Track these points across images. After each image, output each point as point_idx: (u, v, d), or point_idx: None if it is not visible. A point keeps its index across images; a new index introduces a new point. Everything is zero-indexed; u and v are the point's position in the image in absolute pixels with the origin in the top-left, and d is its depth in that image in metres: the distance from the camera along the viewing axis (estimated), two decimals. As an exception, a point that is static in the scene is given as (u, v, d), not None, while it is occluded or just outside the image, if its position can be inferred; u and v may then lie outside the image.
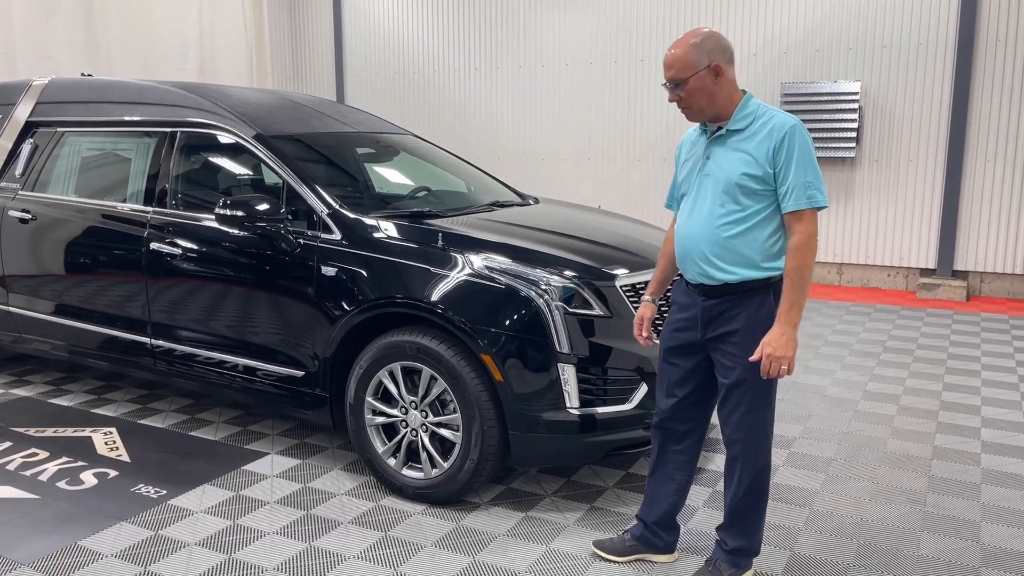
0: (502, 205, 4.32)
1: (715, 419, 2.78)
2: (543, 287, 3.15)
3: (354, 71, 10.92)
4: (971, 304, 7.42)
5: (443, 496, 3.34)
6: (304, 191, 3.69)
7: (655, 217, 8.84)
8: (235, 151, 4.21)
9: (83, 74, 5.27)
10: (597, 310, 3.20)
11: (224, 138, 4.06)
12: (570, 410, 3.11)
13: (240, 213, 3.58)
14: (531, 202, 4.59)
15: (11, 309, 4.67)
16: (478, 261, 3.27)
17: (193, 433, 4.21)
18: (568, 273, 3.23)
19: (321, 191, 3.69)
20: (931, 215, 7.92)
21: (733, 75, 2.58)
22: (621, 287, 3.30)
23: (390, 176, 4.92)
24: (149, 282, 4.05)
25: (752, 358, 2.48)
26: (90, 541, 3.08)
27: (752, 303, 2.53)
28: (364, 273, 3.43)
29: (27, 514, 3.31)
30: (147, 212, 4.09)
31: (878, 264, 8.22)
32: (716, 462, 3.81)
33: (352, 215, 3.59)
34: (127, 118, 4.39)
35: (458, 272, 3.26)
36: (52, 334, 4.56)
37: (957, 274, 7.86)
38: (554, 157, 9.56)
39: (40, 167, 4.65)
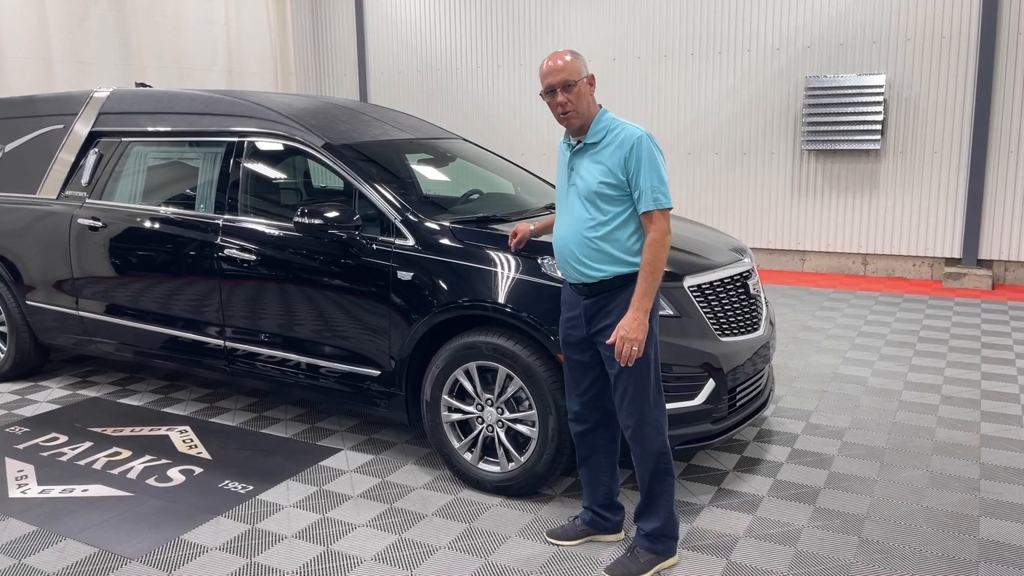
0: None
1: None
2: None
3: (377, 70, 11.05)
4: (997, 292, 7.56)
5: (519, 489, 3.51)
6: (376, 198, 3.85)
7: (678, 210, 8.99)
8: (304, 160, 4.36)
9: (138, 84, 5.44)
10: (666, 310, 3.36)
11: (292, 147, 4.22)
12: (643, 406, 3.27)
13: (318, 221, 3.74)
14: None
15: (82, 313, 4.84)
16: (550, 263, 3.42)
17: (265, 431, 4.38)
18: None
19: (392, 198, 3.85)
20: (956, 205, 8.05)
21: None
22: (688, 288, 3.45)
23: (441, 179, 5.07)
24: (223, 286, 4.21)
25: (608, 341, 2.78)
26: (192, 535, 3.26)
27: (624, 296, 2.81)
28: (441, 276, 3.58)
29: (124, 511, 3.49)
30: (219, 219, 4.25)
31: (903, 254, 8.36)
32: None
33: (424, 220, 3.74)
34: (195, 128, 4.55)
35: (533, 274, 3.40)
36: (121, 337, 4.73)
37: (982, 263, 8.01)
38: (579, 152, 9.68)
39: (106, 176, 4.81)
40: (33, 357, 5.24)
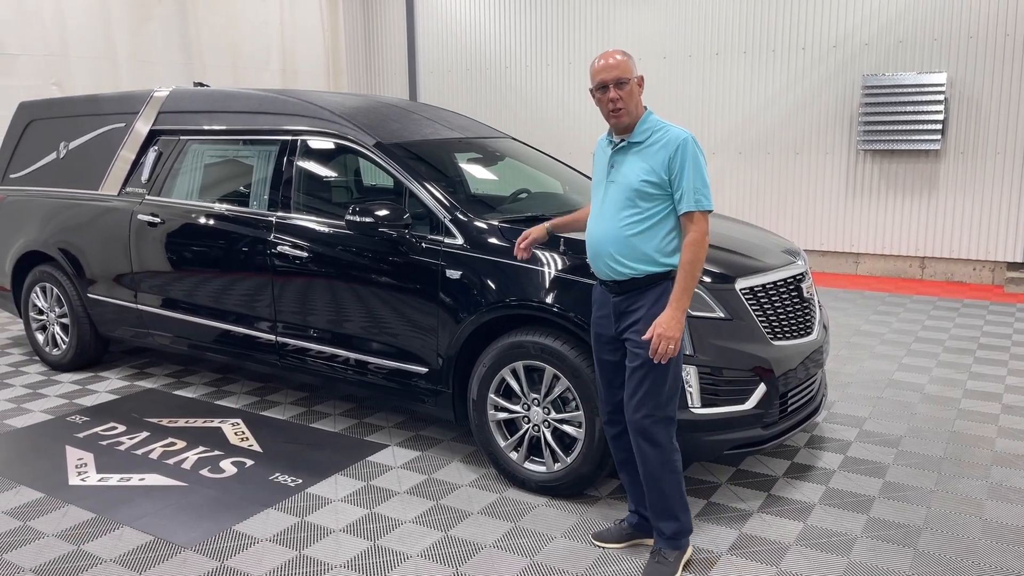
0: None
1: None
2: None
3: (426, 69, 11.13)
4: (1063, 299, 7.28)
5: (565, 489, 3.50)
6: (426, 197, 3.87)
7: (729, 210, 8.87)
8: (356, 158, 4.42)
9: (196, 84, 5.57)
10: (717, 312, 3.31)
11: (345, 146, 4.27)
12: (692, 409, 3.24)
13: (369, 219, 3.79)
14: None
15: (139, 306, 4.98)
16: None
17: (314, 425, 4.45)
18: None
19: (442, 197, 3.87)
20: (1019, 207, 7.78)
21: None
22: (740, 290, 3.40)
23: (490, 178, 5.08)
24: (275, 282, 4.29)
25: (644, 337, 2.76)
26: (243, 526, 3.33)
27: (653, 293, 2.82)
28: (489, 276, 3.59)
29: (179, 500, 3.58)
30: (272, 216, 4.33)
31: (963, 258, 8.10)
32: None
33: (473, 220, 3.75)
34: (250, 127, 4.64)
35: (580, 274, 3.38)
36: (177, 330, 4.85)
37: (1047, 268, 7.72)
38: (627, 151, 9.61)
39: (165, 173, 4.94)
40: (93, 349, 5.41)
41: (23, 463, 4.00)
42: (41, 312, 5.52)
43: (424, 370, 3.85)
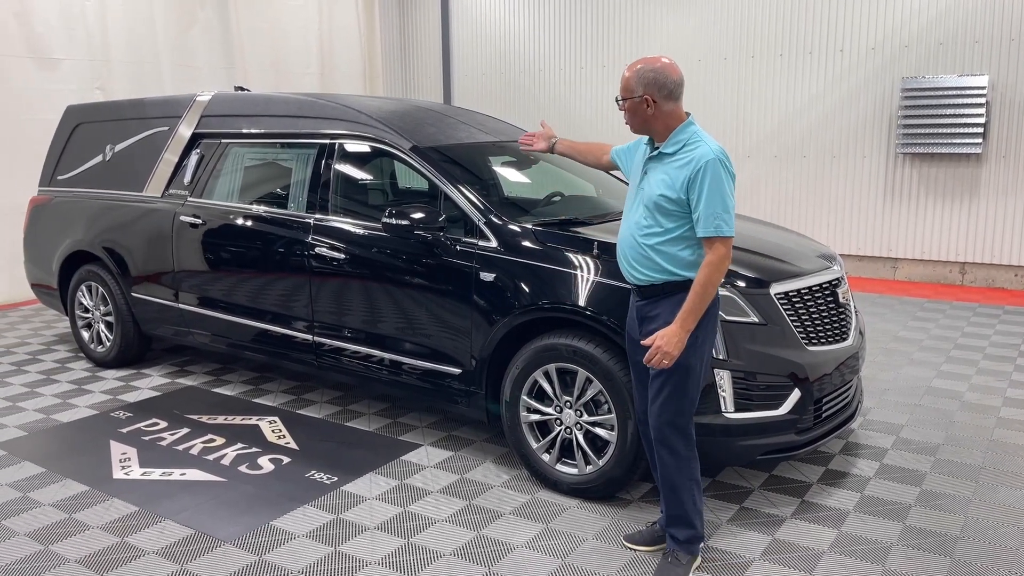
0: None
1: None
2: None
3: (461, 72, 11.20)
4: (1109, 306, 7.10)
5: (597, 492, 3.51)
6: (461, 200, 3.92)
7: (764, 214, 8.80)
8: (392, 162, 4.48)
9: (237, 88, 5.68)
10: (752, 317, 3.30)
11: (381, 149, 4.34)
12: (726, 414, 3.23)
13: (405, 222, 3.84)
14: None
15: (181, 305, 5.10)
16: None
17: (349, 424, 4.52)
18: (726, 281, 3.33)
19: (477, 200, 3.91)
20: (1064, 213, 7.60)
21: (672, 107, 2.81)
22: (775, 295, 3.39)
23: (524, 181, 5.11)
24: (312, 282, 4.37)
25: (643, 342, 2.78)
26: (280, 522, 3.40)
27: (672, 302, 2.80)
28: (523, 278, 3.62)
29: (219, 495, 3.66)
30: (310, 218, 4.41)
31: (1004, 263, 7.94)
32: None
33: (507, 223, 3.79)
34: (289, 130, 4.73)
35: (614, 278, 3.38)
36: (217, 329, 4.96)
37: (1093, 275, 7.54)
38: (661, 154, 9.57)
39: (206, 176, 5.05)
40: (136, 346, 5.55)
41: (69, 457, 4.12)
42: (87, 310, 5.68)
43: (457, 371, 3.90)
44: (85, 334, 5.72)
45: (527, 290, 3.61)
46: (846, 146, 8.58)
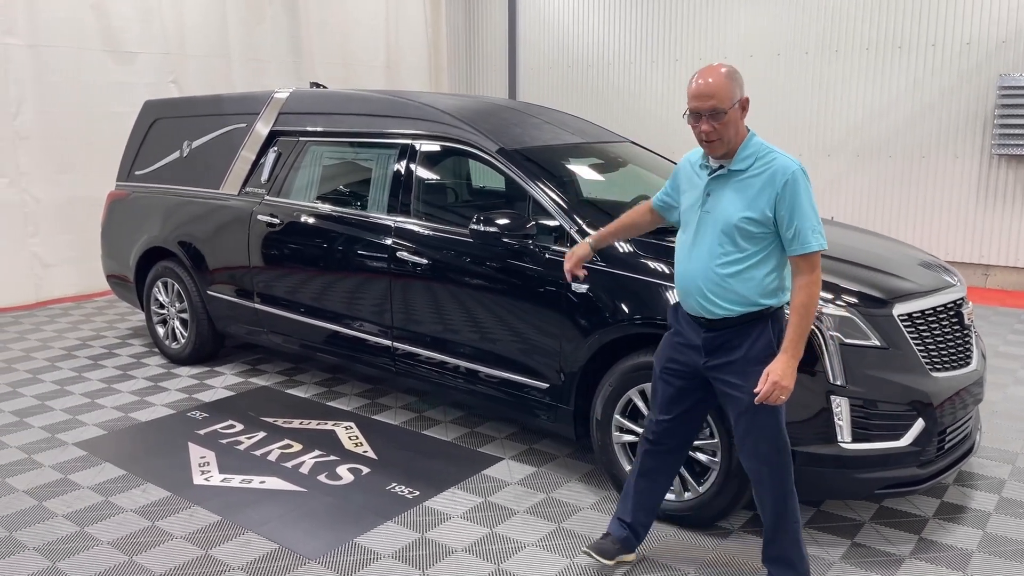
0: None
1: None
2: (818, 315, 3.03)
3: (526, 65, 11.00)
4: None
5: (694, 520, 3.31)
6: (552, 207, 3.74)
7: (845, 216, 8.42)
8: (477, 164, 4.32)
9: (313, 84, 5.60)
10: (873, 340, 3.06)
11: (466, 151, 4.19)
12: (842, 444, 3.00)
13: (493, 228, 3.68)
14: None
15: (256, 305, 5.04)
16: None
17: (426, 432, 4.39)
18: (845, 301, 3.10)
19: (567, 206, 3.73)
20: None
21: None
22: (898, 316, 3.13)
23: (611, 185, 4.91)
24: (393, 286, 4.24)
25: (757, 389, 2.53)
26: (364, 539, 3.28)
27: (752, 333, 2.61)
28: (617, 291, 3.43)
29: (300, 506, 3.57)
30: (391, 220, 4.28)
31: (1109, 274, 7.44)
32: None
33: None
34: (369, 129, 4.61)
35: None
36: (291, 329, 4.88)
37: None
38: (735, 152, 9.25)
39: (284, 174, 4.97)
40: (210, 344, 5.52)
41: (148, 459, 4.08)
42: (162, 306, 5.67)
43: (545, 385, 3.73)
44: (160, 330, 5.72)
45: (621, 303, 3.41)
46: (936, 145, 8.14)
